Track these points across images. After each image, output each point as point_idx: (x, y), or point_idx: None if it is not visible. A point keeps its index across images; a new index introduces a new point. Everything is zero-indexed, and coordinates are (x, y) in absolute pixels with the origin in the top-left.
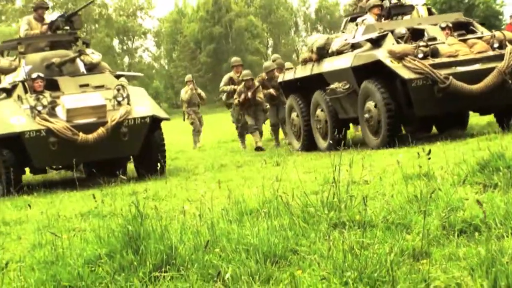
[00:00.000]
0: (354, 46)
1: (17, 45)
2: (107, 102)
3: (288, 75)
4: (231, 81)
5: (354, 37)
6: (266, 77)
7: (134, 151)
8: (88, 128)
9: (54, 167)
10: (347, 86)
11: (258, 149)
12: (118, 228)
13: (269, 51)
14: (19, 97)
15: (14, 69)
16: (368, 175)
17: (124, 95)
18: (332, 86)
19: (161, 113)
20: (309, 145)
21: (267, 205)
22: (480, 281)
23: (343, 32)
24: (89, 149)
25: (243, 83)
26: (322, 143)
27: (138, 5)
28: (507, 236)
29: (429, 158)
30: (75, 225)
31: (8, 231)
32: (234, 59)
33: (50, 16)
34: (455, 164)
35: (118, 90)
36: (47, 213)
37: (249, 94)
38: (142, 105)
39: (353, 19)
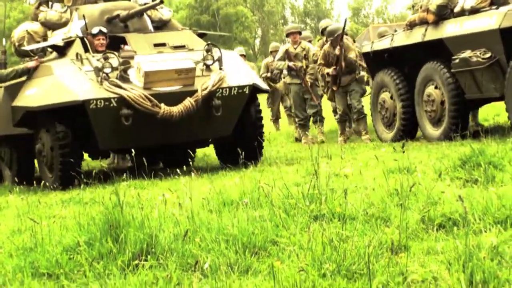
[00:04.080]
0: (495, 3)
1: None
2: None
3: (380, 44)
4: (286, 55)
5: None
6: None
7: (227, 130)
8: (171, 98)
9: (122, 149)
10: (487, 55)
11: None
12: (98, 215)
13: (257, 41)
14: (78, 56)
15: (64, 24)
16: (350, 168)
17: (216, 57)
18: (463, 55)
19: (261, 83)
20: (408, 134)
21: (248, 195)
22: (456, 275)
23: None
24: (172, 126)
25: (324, 46)
26: (432, 131)
27: None
28: (485, 231)
29: (403, 152)
30: (55, 212)
31: None
32: (290, 25)
33: None
34: (437, 159)
35: (208, 51)
36: (28, 200)
37: (336, 51)
38: (238, 71)
39: None
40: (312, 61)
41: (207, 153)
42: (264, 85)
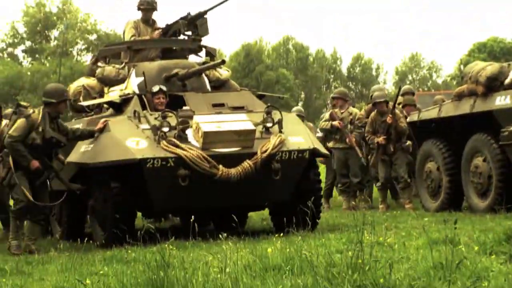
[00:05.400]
0: None
1: (121, 51)
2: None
3: (427, 113)
4: (331, 117)
5: None
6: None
7: (285, 195)
8: (229, 160)
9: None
10: None
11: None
12: (142, 276)
13: (300, 104)
14: (135, 113)
15: (122, 80)
16: (393, 237)
17: (276, 120)
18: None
19: (321, 147)
20: (452, 204)
21: (290, 261)
22: None
23: None
24: (229, 188)
25: (371, 113)
26: (477, 202)
27: None
28: None
29: (455, 228)
30: (98, 270)
31: (31, 271)
32: (337, 90)
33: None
34: (481, 231)
35: (268, 113)
36: (71, 256)
37: (388, 119)
38: (297, 134)
39: None
40: (357, 126)
41: (249, 214)
42: (324, 150)
